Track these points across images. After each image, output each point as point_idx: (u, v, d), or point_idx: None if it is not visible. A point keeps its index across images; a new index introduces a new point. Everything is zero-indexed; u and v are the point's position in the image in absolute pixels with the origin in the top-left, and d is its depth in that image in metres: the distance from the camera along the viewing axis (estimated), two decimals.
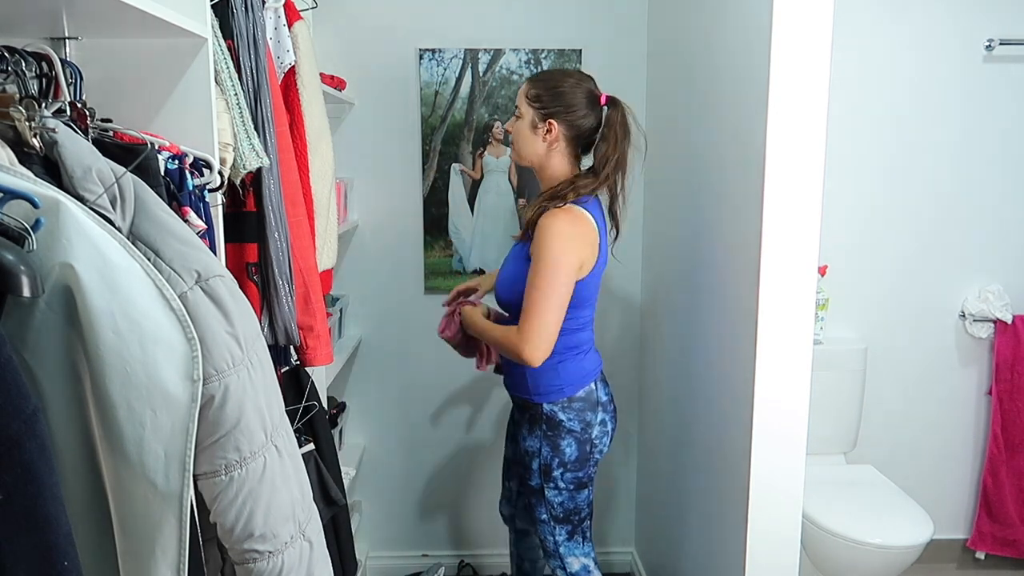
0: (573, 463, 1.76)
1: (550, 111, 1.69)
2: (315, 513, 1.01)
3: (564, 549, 1.82)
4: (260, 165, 1.27)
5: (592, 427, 1.77)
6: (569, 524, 1.81)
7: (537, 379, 1.75)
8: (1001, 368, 2.56)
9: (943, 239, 2.55)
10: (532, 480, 1.79)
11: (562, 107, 1.68)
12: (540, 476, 1.77)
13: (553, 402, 1.74)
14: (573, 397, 1.75)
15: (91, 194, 0.79)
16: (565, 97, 1.69)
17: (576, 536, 1.83)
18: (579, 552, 1.83)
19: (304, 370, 1.67)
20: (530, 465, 1.78)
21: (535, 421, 1.77)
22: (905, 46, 2.44)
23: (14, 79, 0.88)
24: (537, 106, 1.70)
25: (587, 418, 1.76)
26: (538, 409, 1.76)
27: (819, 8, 1.41)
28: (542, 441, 1.76)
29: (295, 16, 1.63)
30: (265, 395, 0.89)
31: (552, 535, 1.81)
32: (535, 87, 1.71)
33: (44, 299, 0.72)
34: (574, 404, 1.75)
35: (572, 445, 1.75)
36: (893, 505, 2.25)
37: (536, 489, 1.79)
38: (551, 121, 1.69)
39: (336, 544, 1.81)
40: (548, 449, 1.76)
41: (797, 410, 1.53)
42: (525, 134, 1.73)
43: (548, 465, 1.76)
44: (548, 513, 1.79)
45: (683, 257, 2.04)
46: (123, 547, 0.80)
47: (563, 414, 1.75)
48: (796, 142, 1.45)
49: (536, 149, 1.73)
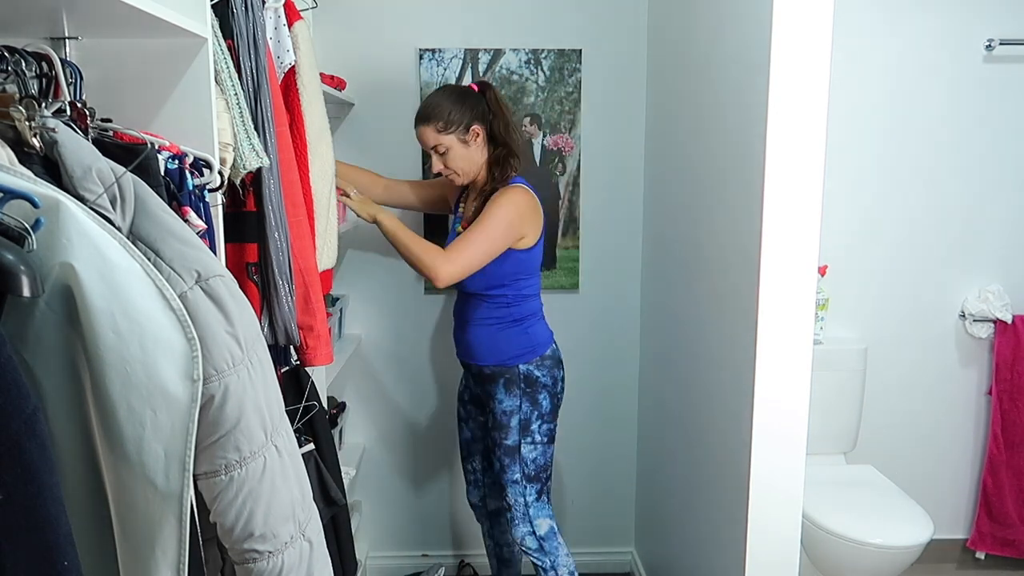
0: (548, 415, 1.99)
1: (464, 122, 1.88)
2: (315, 513, 1.01)
3: (533, 510, 1.98)
4: (260, 165, 1.27)
5: (558, 382, 2.01)
6: (538, 483, 1.99)
7: (510, 344, 1.95)
8: (1001, 368, 2.56)
9: (943, 239, 2.55)
10: (509, 438, 1.96)
11: (466, 112, 1.88)
12: (519, 432, 1.95)
13: (528, 362, 1.96)
14: (544, 355, 1.98)
15: (91, 194, 0.79)
16: (459, 105, 1.88)
17: (543, 496, 2.00)
18: (544, 513, 2.00)
19: (304, 370, 1.67)
20: (508, 423, 1.96)
21: (511, 383, 1.96)
22: (905, 46, 2.44)
23: (14, 79, 0.88)
24: (452, 128, 1.88)
25: (555, 374, 2.00)
26: (514, 371, 1.96)
27: (819, 8, 1.41)
28: (521, 398, 1.96)
29: (295, 16, 1.62)
30: (265, 395, 0.89)
31: (523, 495, 1.97)
32: (434, 119, 1.88)
33: (44, 299, 0.72)
34: (545, 362, 1.98)
35: (547, 398, 1.98)
36: (893, 505, 2.25)
37: (513, 447, 1.96)
38: (473, 127, 1.89)
39: (336, 544, 1.81)
40: (528, 404, 1.96)
41: (797, 410, 1.53)
42: (463, 154, 1.91)
43: (527, 419, 1.96)
44: (521, 471, 1.96)
45: (683, 257, 2.04)
46: (123, 547, 0.80)
47: (538, 371, 1.96)
48: (796, 142, 1.45)
49: (476, 158, 1.93)
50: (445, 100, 1.88)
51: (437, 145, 1.89)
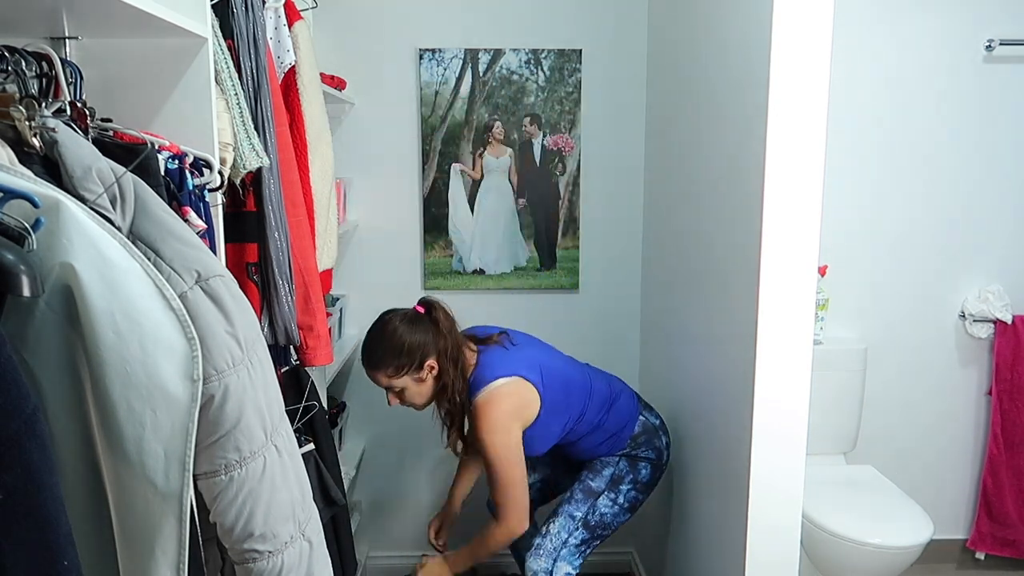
0: (644, 485, 1.93)
1: (416, 360, 1.77)
2: (315, 513, 1.01)
3: (566, 551, 1.87)
4: (260, 165, 1.27)
5: (663, 452, 1.95)
6: (590, 534, 1.91)
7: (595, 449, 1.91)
8: (1001, 368, 2.56)
9: (943, 239, 2.55)
10: (596, 482, 1.91)
11: (417, 348, 1.77)
12: (608, 483, 1.90)
13: (622, 450, 1.91)
14: (635, 435, 1.92)
15: (91, 194, 0.79)
16: (408, 341, 1.77)
17: (583, 548, 1.91)
18: (573, 564, 1.90)
19: (304, 370, 1.67)
20: (602, 471, 1.91)
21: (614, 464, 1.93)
22: (905, 46, 2.44)
23: (14, 79, 0.88)
24: (406, 371, 1.78)
25: (656, 443, 1.94)
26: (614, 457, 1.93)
27: (819, 8, 1.41)
28: (621, 458, 1.92)
29: (295, 16, 1.63)
30: (265, 395, 0.89)
31: (569, 533, 1.88)
32: (385, 364, 1.78)
33: (44, 299, 0.72)
34: (639, 439, 1.92)
35: (647, 469, 1.93)
36: (893, 505, 2.25)
37: (595, 491, 1.90)
38: (427, 363, 1.78)
39: (336, 544, 1.82)
40: (626, 464, 1.91)
41: (797, 410, 1.53)
42: (419, 391, 1.82)
43: (621, 477, 1.91)
44: (585, 514, 1.89)
45: (683, 257, 2.04)
46: (123, 547, 0.80)
47: (636, 451, 1.92)
48: (796, 142, 1.45)
49: (431, 390, 1.83)
50: (393, 341, 1.78)
51: (390, 387, 1.82)
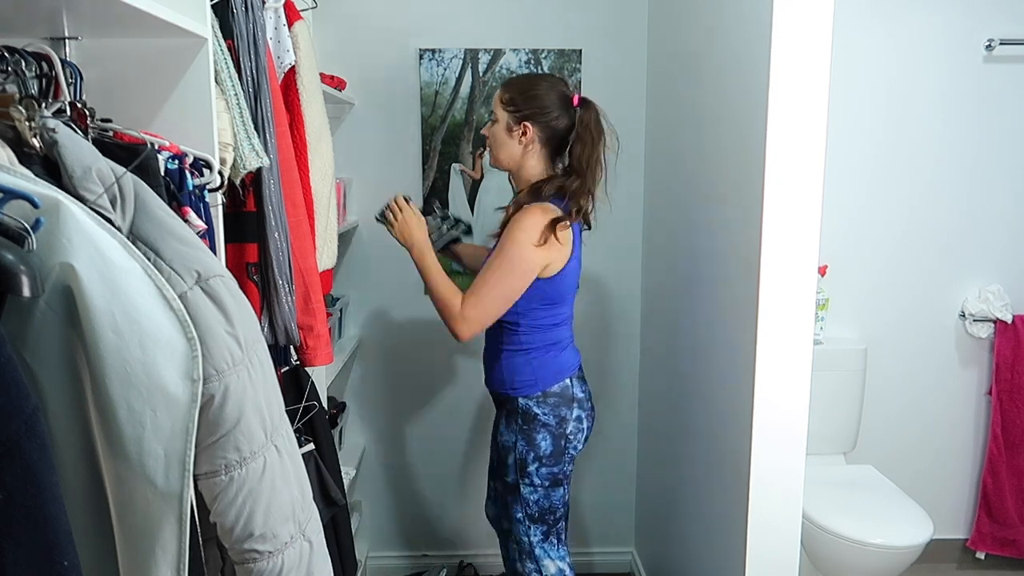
0: (548, 458, 1.78)
1: (524, 114, 1.73)
2: (315, 513, 1.01)
3: (539, 551, 1.84)
4: (260, 165, 1.26)
5: (567, 422, 1.79)
6: (544, 524, 1.83)
7: (512, 373, 1.79)
8: (1001, 368, 2.56)
9: (943, 239, 2.55)
10: (508, 476, 1.81)
11: (536, 109, 1.72)
12: (516, 471, 1.80)
13: (528, 396, 1.77)
14: (548, 391, 1.78)
15: (91, 194, 0.79)
16: (538, 100, 1.73)
17: (551, 537, 1.84)
18: (554, 555, 1.85)
19: (304, 370, 1.67)
20: (506, 460, 1.81)
21: (511, 415, 1.80)
22: (905, 46, 2.44)
23: (14, 79, 0.88)
24: (511, 109, 1.74)
25: (562, 413, 1.78)
26: (514, 403, 1.79)
27: (819, 8, 1.41)
28: (517, 435, 1.79)
29: (295, 16, 1.62)
30: (265, 395, 0.89)
31: (527, 535, 1.83)
32: (508, 91, 1.76)
33: (44, 299, 0.72)
34: (549, 399, 1.78)
35: (547, 439, 1.78)
36: (893, 505, 2.25)
37: (512, 486, 1.81)
38: (525, 124, 1.73)
39: (336, 544, 1.81)
40: (523, 443, 1.78)
41: (797, 410, 1.53)
42: (501, 137, 1.77)
43: (523, 460, 1.79)
44: (523, 512, 1.82)
45: (683, 257, 2.04)
46: (123, 547, 0.80)
47: (537, 408, 1.78)
48: (796, 142, 1.45)
49: (512, 152, 1.77)
50: (531, 84, 1.75)
51: (494, 111, 1.77)
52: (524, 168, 1.78)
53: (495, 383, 1.85)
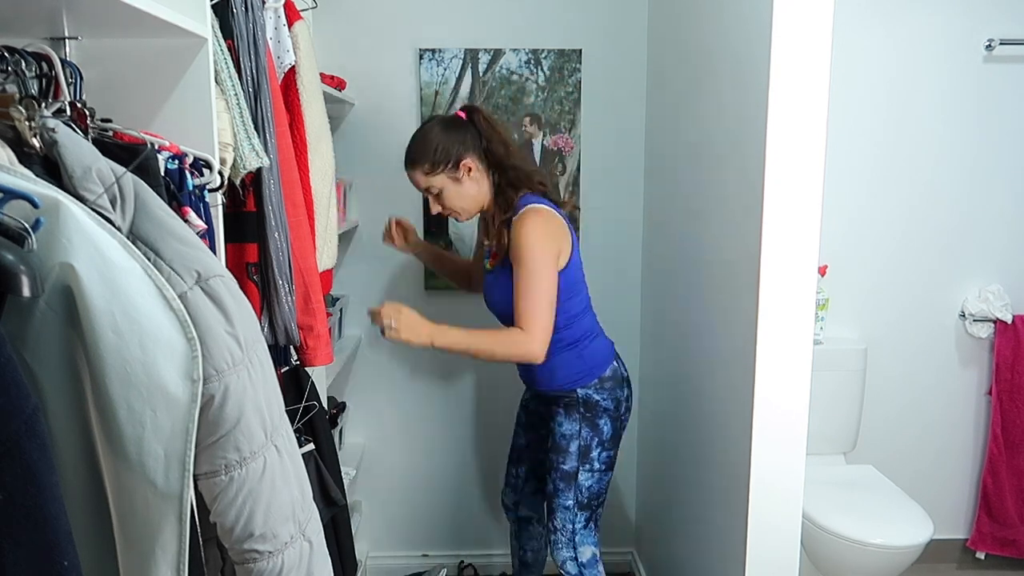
0: (608, 441, 1.86)
1: (452, 158, 1.76)
2: (315, 513, 1.01)
3: (579, 537, 1.89)
4: (260, 165, 1.27)
5: (621, 403, 1.89)
6: (589, 510, 1.89)
7: (567, 368, 1.84)
8: (1001, 368, 2.56)
9: (943, 239, 2.55)
10: (567, 463, 1.85)
11: (452, 145, 1.76)
12: (578, 458, 1.85)
13: (586, 385, 1.84)
14: (603, 377, 1.85)
15: (91, 194, 0.79)
16: (444, 139, 1.77)
17: (590, 524, 1.91)
18: (590, 540, 1.91)
19: (304, 370, 1.67)
20: (568, 448, 1.85)
21: (571, 406, 1.85)
22: (905, 46, 2.44)
23: (14, 79, 0.88)
24: (441, 168, 1.77)
25: (617, 395, 1.87)
26: (571, 395, 1.85)
27: (819, 8, 1.41)
28: (581, 423, 1.84)
29: (295, 16, 1.62)
30: (265, 395, 0.89)
31: (572, 522, 1.88)
32: (421, 160, 1.78)
33: (44, 299, 0.72)
34: (605, 384, 1.85)
35: (608, 423, 1.86)
36: (893, 505, 2.25)
37: (570, 473, 1.85)
38: (461, 162, 1.77)
39: (336, 544, 1.82)
40: (588, 430, 1.84)
41: (797, 410, 1.53)
42: (457, 192, 1.80)
43: (588, 446, 1.85)
44: (575, 498, 1.87)
45: (683, 257, 2.04)
46: (123, 547, 0.80)
47: (597, 395, 1.84)
48: (796, 142, 1.45)
49: (475, 192, 1.81)
50: (429, 138, 1.78)
51: (429, 187, 1.80)
52: (487, 195, 1.84)
53: (547, 383, 1.88)
